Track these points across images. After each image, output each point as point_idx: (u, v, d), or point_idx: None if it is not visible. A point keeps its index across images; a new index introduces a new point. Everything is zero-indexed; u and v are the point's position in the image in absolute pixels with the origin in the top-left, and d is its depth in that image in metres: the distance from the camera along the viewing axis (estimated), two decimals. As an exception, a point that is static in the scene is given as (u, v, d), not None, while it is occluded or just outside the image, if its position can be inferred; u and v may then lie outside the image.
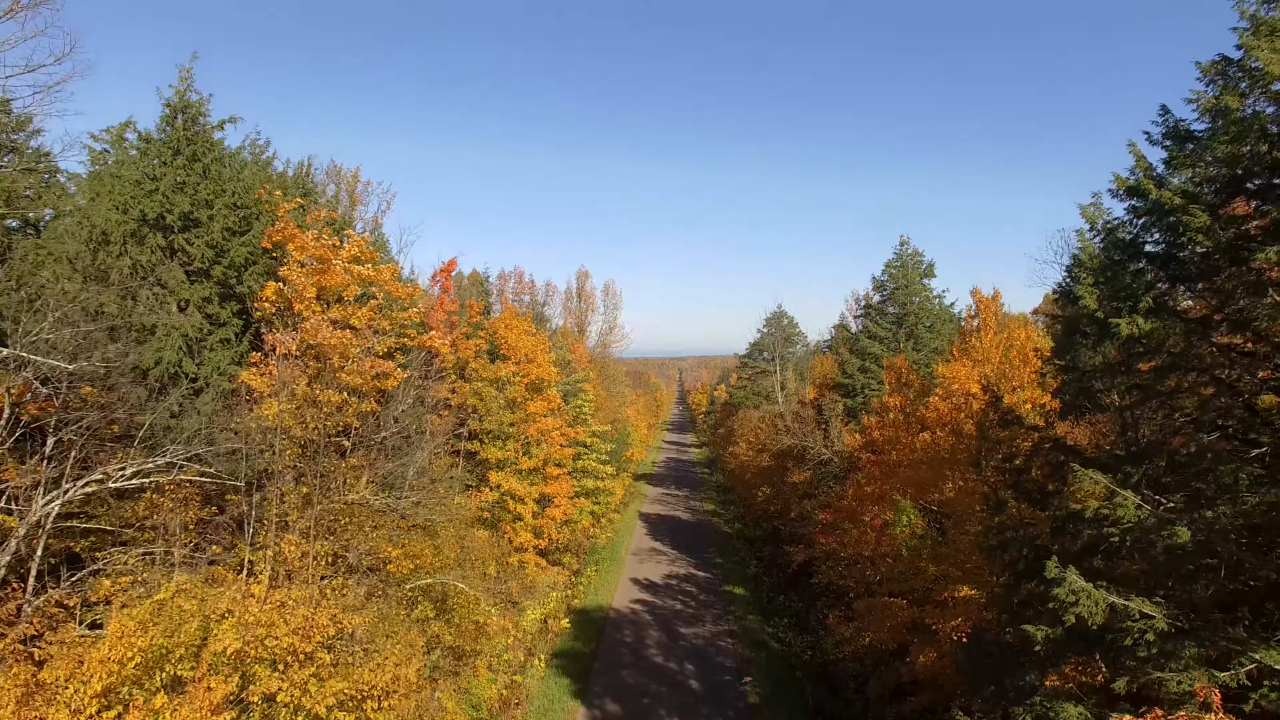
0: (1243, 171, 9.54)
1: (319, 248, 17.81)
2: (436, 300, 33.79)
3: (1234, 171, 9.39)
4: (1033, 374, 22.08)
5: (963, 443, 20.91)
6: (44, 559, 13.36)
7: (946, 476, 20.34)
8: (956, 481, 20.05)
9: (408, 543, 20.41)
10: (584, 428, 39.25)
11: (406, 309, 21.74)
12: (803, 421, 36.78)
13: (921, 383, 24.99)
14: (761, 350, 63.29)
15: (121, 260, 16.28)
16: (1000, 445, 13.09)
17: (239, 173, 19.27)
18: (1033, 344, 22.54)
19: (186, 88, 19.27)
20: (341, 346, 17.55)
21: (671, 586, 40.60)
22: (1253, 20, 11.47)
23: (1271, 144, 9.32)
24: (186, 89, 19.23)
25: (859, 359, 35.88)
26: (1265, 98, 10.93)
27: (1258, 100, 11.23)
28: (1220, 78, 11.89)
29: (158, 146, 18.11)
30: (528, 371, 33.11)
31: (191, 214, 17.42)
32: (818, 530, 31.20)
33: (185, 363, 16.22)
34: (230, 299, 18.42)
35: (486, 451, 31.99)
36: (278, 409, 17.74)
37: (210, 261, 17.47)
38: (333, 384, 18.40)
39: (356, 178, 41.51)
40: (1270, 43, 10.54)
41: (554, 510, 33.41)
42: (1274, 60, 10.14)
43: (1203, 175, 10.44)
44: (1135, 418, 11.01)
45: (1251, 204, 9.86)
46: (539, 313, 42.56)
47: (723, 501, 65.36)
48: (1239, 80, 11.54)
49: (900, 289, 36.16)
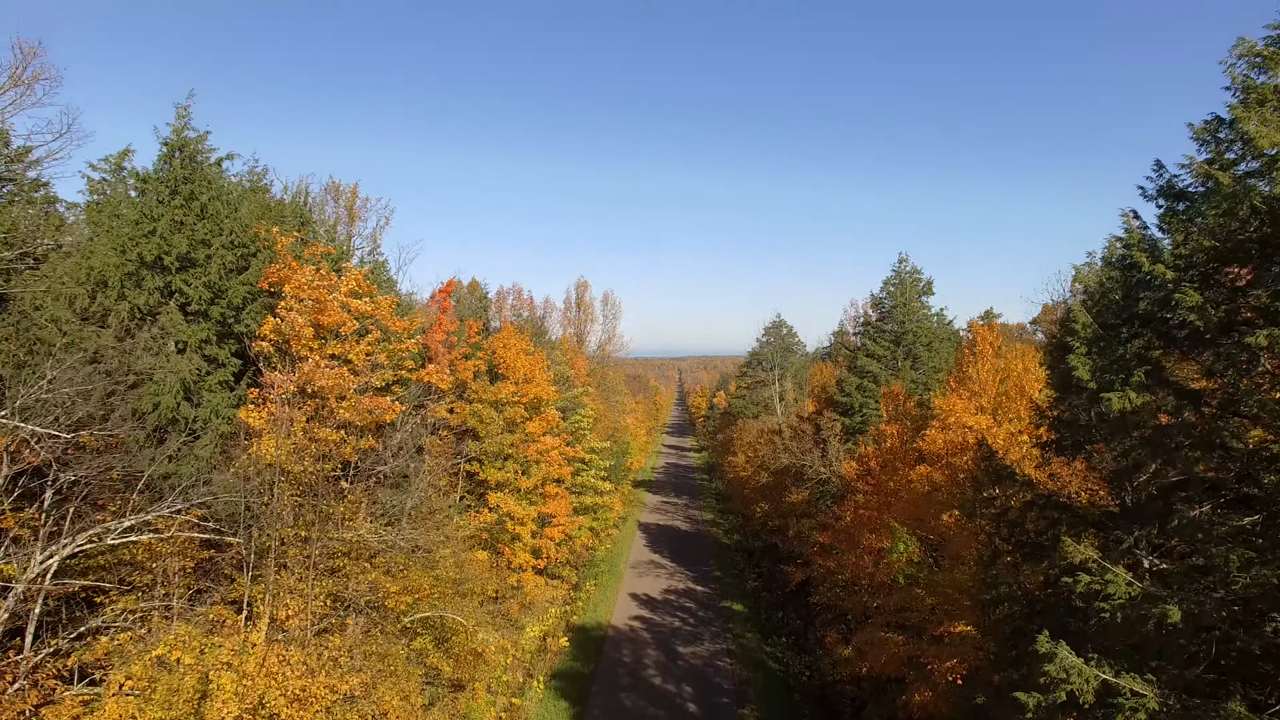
0: (1233, 246, 9.57)
1: (315, 288, 17.85)
2: (435, 320, 33.82)
3: (1225, 246, 9.41)
4: (1029, 407, 22.13)
5: (959, 478, 20.97)
6: (42, 613, 13.42)
7: (943, 511, 20.39)
8: (953, 516, 20.10)
9: (407, 575, 20.48)
10: (583, 445, 39.30)
11: (404, 340, 21.76)
12: (801, 439, 36.83)
13: (919, 410, 25.02)
14: (760, 360, 63.35)
15: (120, 305, 16.32)
16: (994, 501, 13.13)
17: (236, 209, 19.30)
18: (1031, 373, 22.59)
19: (184, 125, 19.30)
20: (339, 388, 17.59)
21: (670, 602, 40.70)
22: (1243, 87, 11.51)
23: (1261, 221, 9.36)
24: (184, 126, 19.27)
25: (857, 377, 35.92)
26: (1257, 164, 10.98)
27: (1249, 163, 11.30)
28: (1213, 140, 11.93)
29: (155, 185, 18.14)
30: (526, 392, 33.16)
31: (189, 255, 17.45)
32: (815, 551, 31.27)
33: (183, 407, 16.26)
34: (228, 338, 18.47)
35: (486, 473, 32.05)
36: (275, 447, 17.82)
37: (208, 303, 17.51)
38: (330, 422, 18.46)
39: (355, 193, 41.47)
40: (1259, 113, 10.57)
41: (552, 530, 33.50)
42: (1263, 133, 10.16)
43: (1196, 244, 10.48)
44: (1130, 475, 11.05)
45: (1248, 271, 9.90)
46: (538, 326, 42.59)
47: (722, 510, 65.45)
48: (1231, 143, 11.59)
49: (898, 307, 36.19)
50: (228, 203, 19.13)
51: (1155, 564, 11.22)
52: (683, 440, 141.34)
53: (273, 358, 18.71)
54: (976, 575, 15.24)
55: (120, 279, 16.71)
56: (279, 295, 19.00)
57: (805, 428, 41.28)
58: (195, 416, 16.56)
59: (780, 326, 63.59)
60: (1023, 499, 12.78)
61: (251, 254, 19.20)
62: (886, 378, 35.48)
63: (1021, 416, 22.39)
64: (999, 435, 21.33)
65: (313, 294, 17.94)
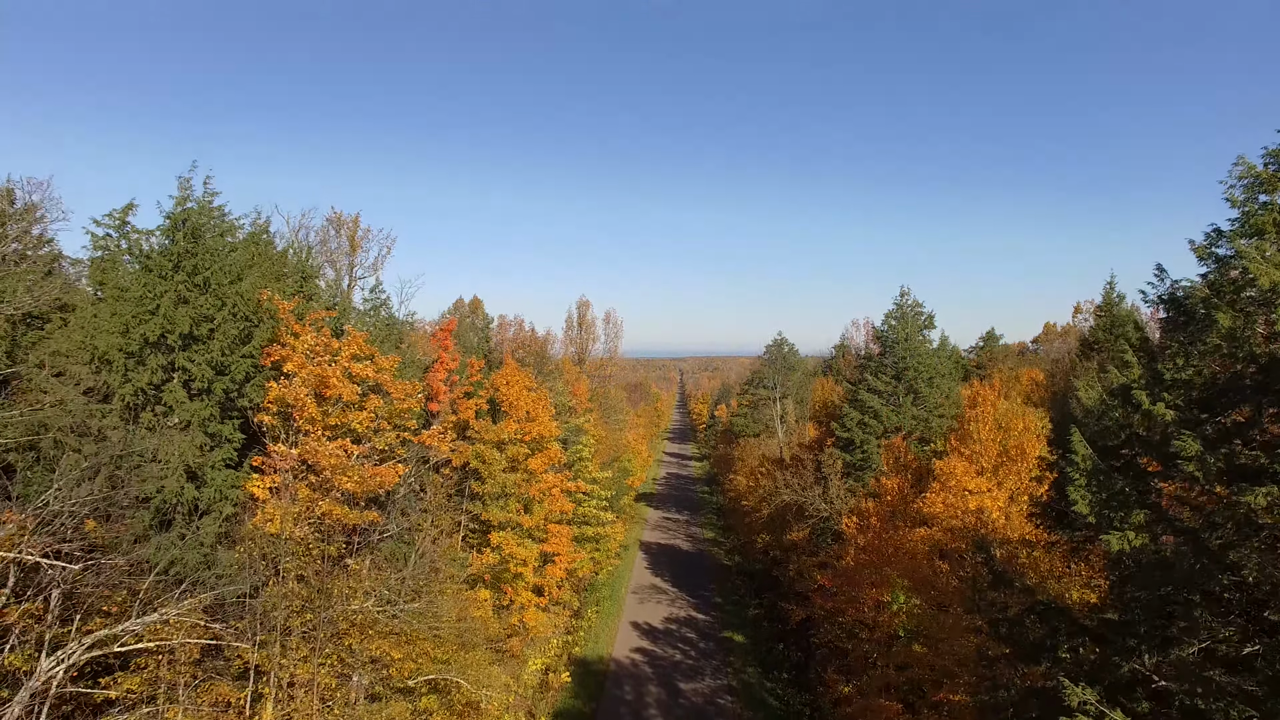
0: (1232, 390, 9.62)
1: (317, 366, 17.94)
2: (436, 358, 33.90)
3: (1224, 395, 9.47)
4: (1030, 468, 22.22)
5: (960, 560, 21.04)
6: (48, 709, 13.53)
7: (944, 580, 20.48)
8: (952, 581, 20.19)
9: (411, 641, 20.59)
10: (584, 477, 39.41)
11: (406, 400, 21.82)
12: (801, 473, 36.89)
13: (920, 449, 25.06)
14: (761, 379, 63.44)
15: (125, 387, 16.41)
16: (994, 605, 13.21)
17: (240, 277, 19.37)
18: (1031, 431, 22.65)
19: (186, 197, 19.37)
20: (341, 464, 17.69)
21: (671, 632, 40.85)
22: (1243, 214, 11.55)
23: (1260, 368, 9.41)
24: (186, 198, 19.34)
25: (859, 412, 35.96)
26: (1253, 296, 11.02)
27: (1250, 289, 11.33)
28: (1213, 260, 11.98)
29: (159, 261, 18.20)
30: (529, 430, 33.24)
31: (193, 332, 17.53)
32: (815, 591, 31.38)
33: (187, 490, 16.37)
34: (231, 411, 18.56)
35: (488, 513, 32.15)
36: (280, 523, 17.93)
37: (211, 380, 17.59)
38: (333, 495, 18.56)
39: (356, 223, 41.46)
40: (1259, 245, 10.60)
41: (554, 569, 33.64)
42: (1263, 269, 10.20)
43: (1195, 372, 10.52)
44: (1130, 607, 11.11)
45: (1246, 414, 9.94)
46: (540, 355, 42.64)
47: (722, 528, 65.59)
48: (1231, 263, 11.63)
49: (900, 343, 36.21)
50: (229, 271, 19.19)
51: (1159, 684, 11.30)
52: (684, 447, 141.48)
53: (276, 429, 18.80)
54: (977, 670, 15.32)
55: (124, 360, 16.79)
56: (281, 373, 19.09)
57: (806, 458, 41.35)
58: (199, 499, 16.65)
59: (782, 345, 63.68)
60: (1023, 603, 12.87)
61: (255, 324, 19.26)
62: (888, 414, 35.54)
63: (1022, 476, 22.49)
64: (1000, 498, 21.43)
65: (315, 371, 18.01)
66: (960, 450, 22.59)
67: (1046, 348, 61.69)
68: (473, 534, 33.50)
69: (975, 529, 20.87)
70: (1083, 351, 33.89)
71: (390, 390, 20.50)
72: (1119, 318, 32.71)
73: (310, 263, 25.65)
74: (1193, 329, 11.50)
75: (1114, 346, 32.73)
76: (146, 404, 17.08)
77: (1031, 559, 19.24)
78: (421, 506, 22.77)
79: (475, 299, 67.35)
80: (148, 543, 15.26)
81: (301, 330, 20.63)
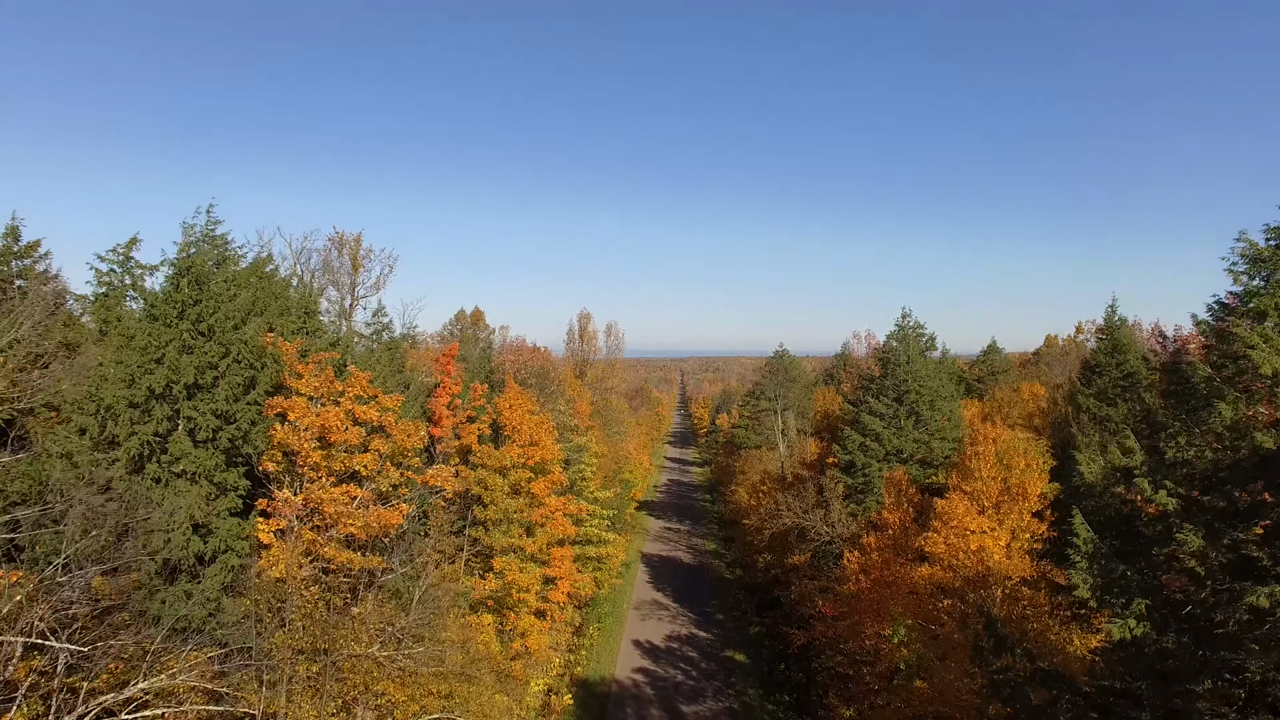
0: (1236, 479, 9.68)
1: (319, 417, 18.03)
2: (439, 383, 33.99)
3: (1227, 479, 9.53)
4: (1031, 508, 22.29)
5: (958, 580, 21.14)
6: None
7: (944, 612, 20.56)
8: (954, 633, 20.27)
9: (413, 678, 20.70)
10: (585, 497, 39.52)
11: (409, 438, 21.90)
12: (802, 494, 36.95)
13: (921, 498, 25.14)
14: (763, 391, 63.54)
15: (131, 441, 16.50)
16: (997, 672, 13.29)
17: (244, 322, 19.44)
18: (1033, 469, 22.71)
19: (190, 243, 19.44)
20: (345, 513, 17.79)
21: (673, 651, 40.97)
22: (1245, 292, 11.60)
23: (1260, 461, 9.47)
24: (191, 244, 19.41)
25: (860, 435, 36.02)
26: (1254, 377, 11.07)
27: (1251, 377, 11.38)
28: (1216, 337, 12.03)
29: (164, 309, 18.27)
30: (531, 455, 33.32)
31: (198, 381, 17.61)
32: (817, 617, 31.48)
33: (193, 543, 16.47)
34: (237, 458, 18.65)
35: (491, 539, 32.27)
36: (283, 567, 18.03)
37: (216, 430, 17.68)
38: (338, 540, 18.65)
39: (359, 242, 41.59)
40: (1260, 332, 10.65)
41: (557, 593, 33.73)
42: (1264, 356, 10.26)
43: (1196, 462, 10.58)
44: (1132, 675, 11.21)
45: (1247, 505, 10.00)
46: (542, 370, 42.73)
47: (724, 539, 65.70)
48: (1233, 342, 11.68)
49: (901, 365, 36.26)
50: (233, 315, 19.27)
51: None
52: (685, 452, 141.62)
53: (281, 476, 18.89)
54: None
55: (129, 413, 16.88)
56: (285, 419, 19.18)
57: (807, 477, 41.44)
58: (205, 550, 16.76)
59: (782, 357, 63.82)
60: (1026, 669, 12.95)
61: (259, 369, 19.34)
62: (889, 436, 35.61)
63: (1024, 513, 22.56)
64: (1001, 537, 21.51)
65: (317, 422, 18.10)
66: (962, 487, 22.66)
67: (1048, 360, 61.74)
68: (476, 558, 33.63)
69: (977, 569, 20.96)
70: (1084, 375, 33.93)
71: (393, 433, 20.57)
72: (1120, 343, 32.74)
73: (313, 294, 25.71)
74: (1194, 405, 11.56)
75: (1115, 371, 32.82)
76: (152, 454, 17.16)
77: (1034, 604, 19.33)
78: (425, 543, 22.85)
79: (477, 310, 67.41)
80: (155, 598, 15.35)
81: (305, 371, 20.74)
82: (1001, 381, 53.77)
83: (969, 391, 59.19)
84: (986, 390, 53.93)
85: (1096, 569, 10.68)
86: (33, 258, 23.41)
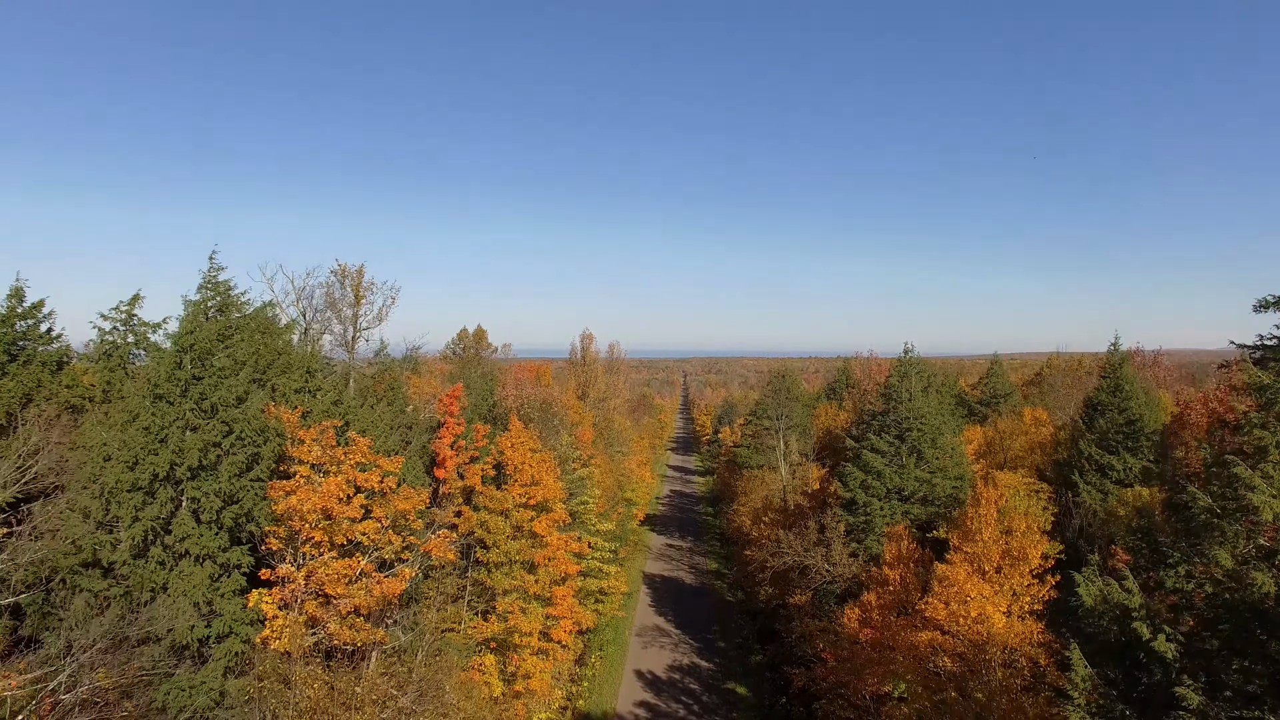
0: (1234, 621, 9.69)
1: (323, 485, 18.12)
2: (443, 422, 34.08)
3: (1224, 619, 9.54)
4: (1032, 570, 22.32)
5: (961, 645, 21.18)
6: None
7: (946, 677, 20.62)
8: (954, 683, 20.34)
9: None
10: (588, 532, 39.63)
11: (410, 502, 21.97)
12: (804, 531, 36.98)
13: (923, 555, 25.16)
14: (764, 410, 63.61)
15: (135, 528, 16.60)
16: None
17: (245, 398, 19.51)
18: (1033, 534, 22.72)
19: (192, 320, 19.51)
20: (348, 593, 17.89)
21: (675, 683, 41.09)
22: (1244, 420, 11.57)
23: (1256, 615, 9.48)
24: (192, 321, 19.47)
25: (861, 472, 36.03)
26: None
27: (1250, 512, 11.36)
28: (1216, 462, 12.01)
29: (167, 387, 18.35)
30: (534, 494, 33.40)
31: (201, 461, 17.70)
32: (818, 663, 31.54)
33: (197, 628, 16.57)
34: (241, 535, 18.75)
35: (493, 580, 32.39)
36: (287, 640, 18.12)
37: (220, 510, 17.77)
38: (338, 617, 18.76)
39: (361, 274, 41.57)
40: (1263, 472, 10.65)
41: (559, 632, 33.83)
42: (1265, 500, 10.25)
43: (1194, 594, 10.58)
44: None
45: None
46: (545, 404, 42.80)
47: (725, 557, 65.84)
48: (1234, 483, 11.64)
49: (903, 403, 36.25)
50: (235, 388, 19.34)
51: None
52: (687, 459, 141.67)
53: (283, 551, 19.00)
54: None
55: (132, 498, 16.97)
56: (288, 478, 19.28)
57: (808, 508, 41.47)
58: (210, 634, 16.86)
59: (784, 377, 63.84)
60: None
61: (262, 442, 19.42)
62: (891, 474, 35.63)
63: (1025, 575, 22.58)
64: (1002, 604, 21.54)
65: (318, 504, 18.19)
66: (963, 549, 22.68)
67: (1051, 380, 61.62)
68: (478, 598, 33.76)
69: (978, 635, 21.01)
70: (1086, 414, 33.92)
71: (394, 501, 20.66)
72: (1121, 383, 32.73)
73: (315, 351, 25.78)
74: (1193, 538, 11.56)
75: (1117, 415, 32.80)
76: (156, 537, 17.26)
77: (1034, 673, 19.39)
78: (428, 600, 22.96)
79: (479, 329, 67.50)
80: (161, 689, 15.47)
81: (307, 437, 20.85)
82: (1004, 406, 53.71)
83: (970, 414, 59.18)
84: (989, 414, 53.90)
85: (1095, 709, 10.68)
86: (36, 319, 23.50)
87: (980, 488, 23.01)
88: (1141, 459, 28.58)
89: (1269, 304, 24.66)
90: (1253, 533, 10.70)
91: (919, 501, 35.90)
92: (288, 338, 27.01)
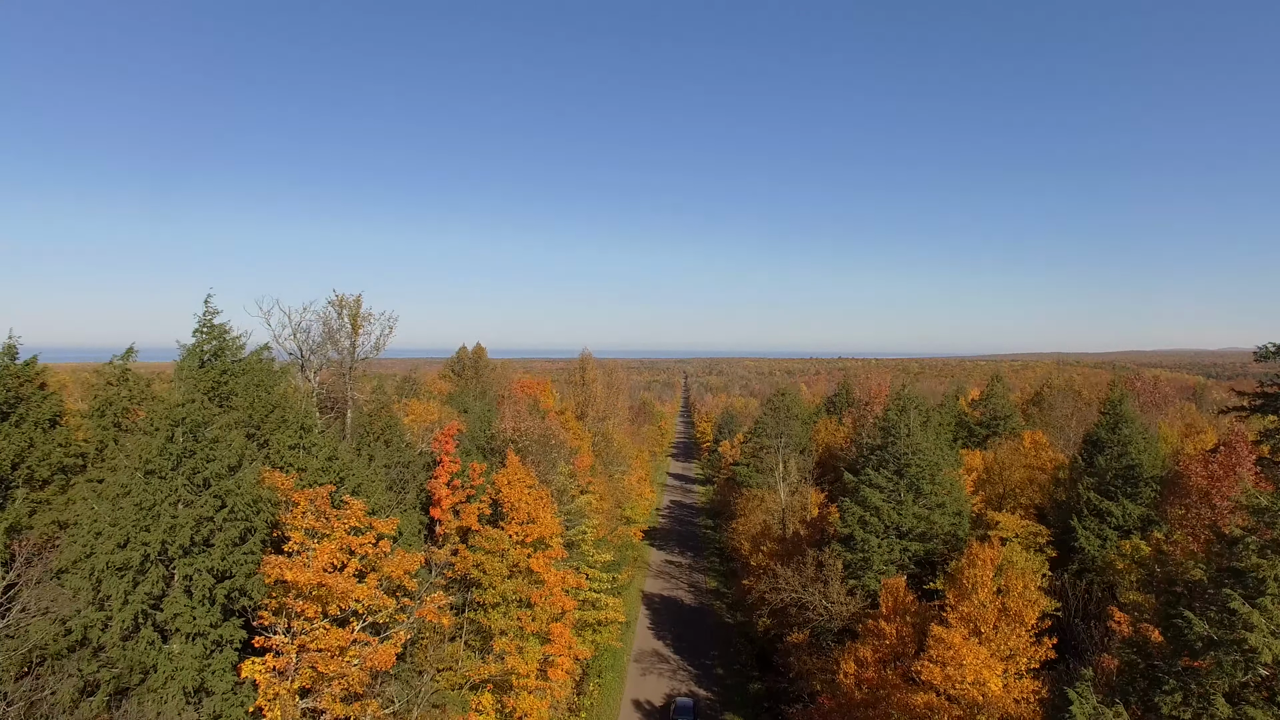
0: None
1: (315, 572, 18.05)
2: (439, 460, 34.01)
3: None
4: (1029, 630, 22.21)
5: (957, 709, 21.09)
6: None
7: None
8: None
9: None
10: (585, 563, 39.58)
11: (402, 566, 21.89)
12: (801, 566, 36.88)
13: (920, 608, 25.05)
14: (764, 429, 63.57)
15: (125, 611, 16.51)
16: None
17: (238, 466, 19.42)
18: (1029, 594, 22.61)
19: (188, 395, 19.40)
20: (340, 667, 17.82)
21: (673, 714, 41.05)
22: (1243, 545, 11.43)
23: None
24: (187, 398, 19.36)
25: (860, 508, 35.92)
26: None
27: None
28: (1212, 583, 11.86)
29: (158, 462, 18.25)
30: (530, 532, 33.33)
31: (193, 538, 17.62)
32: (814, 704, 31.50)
33: (186, 713, 16.50)
34: (232, 611, 18.67)
35: (489, 619, 32.33)
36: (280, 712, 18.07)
37: (212, 587, 17.69)
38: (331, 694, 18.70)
39: (359, 304, 41.70)
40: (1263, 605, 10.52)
41: (556, 671, 33.79)
42: (1263, 640, 10.12)
43: None
44: None
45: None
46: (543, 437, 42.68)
47: (724, 574, 65.82)
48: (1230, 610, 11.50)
49: (901, 439, 36.12)
50: (227, 457, 19.24)
51: None
52: (688, 466, 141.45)
53: (277, 624, 18.93)
54: None
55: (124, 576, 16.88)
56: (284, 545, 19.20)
57: (805, 541, 41.38)
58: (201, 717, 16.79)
59: (783, 395, 63.78)
60: None
61: (255, 512, 19.34)
62: (889, 511, 35.53)
63: (1022, 636, 22.48)
64: (998, 668, 21.44)
65: (313, 580, 18.10)
66: (959, 609, 22.56)
67: (1050, 400, 61.43)
68: (475, 636, 33.70)
69: (974, 699, 20.91)
70: (1086, 451, 33.77)
71: (387, 568, 20.58)
72: (1120, 421, 32.57)
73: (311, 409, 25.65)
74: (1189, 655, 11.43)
75: (1117, 456, 32.68)
76: (147, 617, 17.18)
77: None
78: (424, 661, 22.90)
79: (479, 346, 67.44)
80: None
81: (301, 499, 20.78)
82: (1004, 429, 53.58)
83: (970, 435, 59.03)
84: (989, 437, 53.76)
85: None
86: (30, 375, 23.40)
87: (975, 548, 22.87)
88: (1140, 505, 28.47)
89: (1270, 353, 24.30)
90: (1250, 663, 10.58)
91: (917, 538, 35.81)
92: (284, 387, 26.89)
